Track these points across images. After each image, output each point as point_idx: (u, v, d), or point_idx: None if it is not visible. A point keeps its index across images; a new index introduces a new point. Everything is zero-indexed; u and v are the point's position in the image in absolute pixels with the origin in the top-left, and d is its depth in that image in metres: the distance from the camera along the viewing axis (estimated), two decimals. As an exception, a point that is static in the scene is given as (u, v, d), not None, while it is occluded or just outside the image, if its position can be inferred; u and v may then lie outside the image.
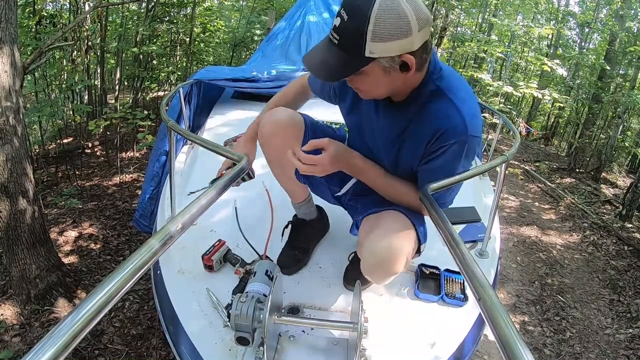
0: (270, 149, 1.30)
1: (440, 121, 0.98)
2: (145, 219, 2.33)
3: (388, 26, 0.83)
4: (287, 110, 1.28)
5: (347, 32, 0.86)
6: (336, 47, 0.89)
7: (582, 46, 12.16)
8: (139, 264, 0.56)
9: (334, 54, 0.89)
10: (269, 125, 1.25)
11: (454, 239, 0.73)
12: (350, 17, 0.84)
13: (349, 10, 0.84)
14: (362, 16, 0.83)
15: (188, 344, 1.17)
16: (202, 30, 6.16)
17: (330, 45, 0.90)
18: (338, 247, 1.58)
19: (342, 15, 0.85)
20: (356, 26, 0.84)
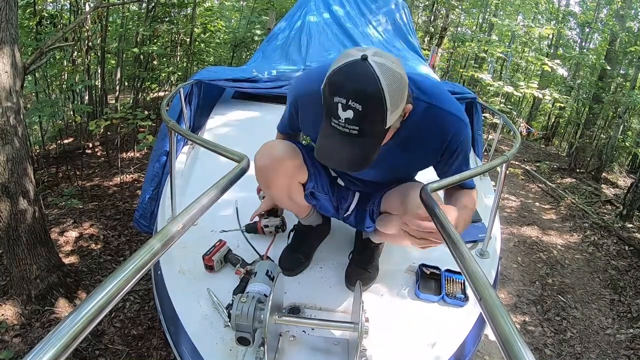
0: (276, 189, 1.26)
1: (444, 130, 1.07)
2: (145, 219, 2.33)
3: (398, 95, 0.85)
4: (279, 144, 1.23)
5: (367, 120, 0.84)
6: (357, 137, 0.86)
7: (582, 46, 12.15)
8: (140, 264, 0.56)
9: (359, 145, 0.88)
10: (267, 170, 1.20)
11: (454, 239, 0.73)
12: (366, 106, 0.82)
13: (360, 100, 0.82)
14: (378, 101, 0.82)
15: (189, 344, 1.17)
16: (202, 30, 6.16)
17: (349, 139, 0.87)
18: (339, 247, 1.58)
19: (353, 106, 0.82)
20: (376, 111, 0.83)
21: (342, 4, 3.28)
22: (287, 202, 1.35)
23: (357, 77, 0.82)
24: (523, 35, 8.87)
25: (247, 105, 2.59)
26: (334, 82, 0.84)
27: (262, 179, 1.24)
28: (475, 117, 2.80)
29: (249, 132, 2.22)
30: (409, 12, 3.78)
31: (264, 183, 1.25)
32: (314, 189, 1.30)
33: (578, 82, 9.86)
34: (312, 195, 1.33)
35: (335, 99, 0.84)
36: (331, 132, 0.88)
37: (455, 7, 8.57)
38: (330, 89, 0.85)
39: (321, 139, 0.93)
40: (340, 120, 0.85)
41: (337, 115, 0.85)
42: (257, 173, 1.22)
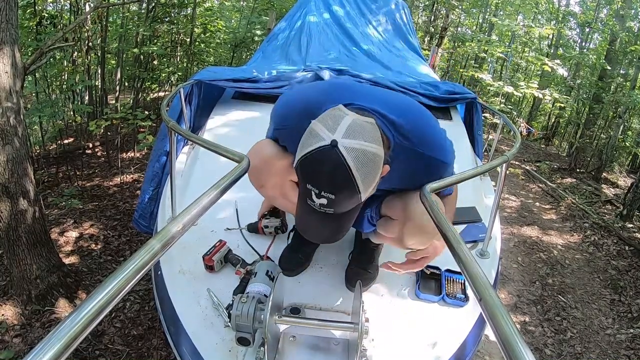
0: (268, 189, 1.26)
1: (424, 176, 1.06)
2: (144, 219, 2.33)
3: (371, 176, 0.85)
4: (269, 144, 1.22)
5: (341, 204, 0.87)
6: (333, 215, 0.90)
7: (582, 46, 12.15)
8: (140, 264, 0.56)
9: (336, 221, 0.93)
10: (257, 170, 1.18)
11: (454, 239, 0.73)
12: (339, 194, 0.84)
13: (333, 190, 0.84)
14: (351, 189, 0.84)
15: (189, 345, 1.17)
16: (202, 30, 6.16)
17: (325, 217, 0.90)
18: (339, 247, 1.58)
19: (326, 195, 0.84)
20: (349, 197, 0.85)
21: (342, 4, 3.28)
22: (282, 201, 1.34)
23: (327, 168, 0.82)
24: (523, 35, 8.88)
25: (247, 105, 2.59)
26: (304, 171, 0.86)
27: (254, 180, 1.23)
28: (475, 117, 2.80)
29: (249, 132, 2.20)
30: (409, 12, 3.78)
31: (256, 183, 1.24)
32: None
33: (578, 82, 9.86)
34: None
35: (308, 185, 0.86)
36: (308, 210, 0.91)
37: (455, 7, 8.57)
38: (302, 176, 0.87)
39: (300, 214, 0.96)
40: (315, 204, 0.88)
41: (312, 199, 0.87)
42: (249, 173, 1.20)
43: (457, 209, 1.71)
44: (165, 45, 5.81)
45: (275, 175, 1.20)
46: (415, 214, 1.10)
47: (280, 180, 1.22)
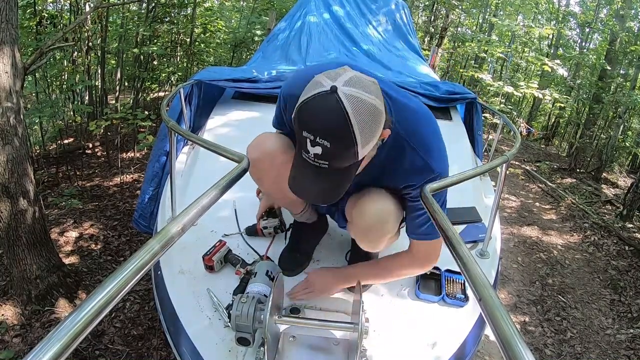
0: (267, 183, 1.26)
1: (411, 176, 1.04)
2: (144, 219, 2.33)
3: (370, 128, 0.81)
4: (270, 137, 1.22)
5: (335, 156, 0.82)
6: (327, 170, 0.85)
7: (582, 46, 12.15)
8: (140, 264, 0.56)
9: (329, 178, 0.87)
10: (258, 163, 1.17)
11: (454, 239, 0.73)
12: (334, 143, 0.80)
13: (328, 137, 0.79)
14: (347, 137, 0.79)
15: (189, 345, 1.17)
16: (202, 30, 6.16)
17: (319, 171, 0.85)
18: (338, 247, 1.58)
19: (321, 143, 0.80)
20: (345, 148, 0.81)
21: (342, 4, 3.28)
22: (280, 196, 1.34)
23: (324, 112, 0.78)
24: (523, 35, 8.88)
25: (247, 106, 2.59)
26: (301, 117, 0.82)
27: (253, 171, 1.21)
28: (475, 117, 2.80)
29: (249, 132, 2.20)
30: (409, 12, 3.78)
31: (255, 175, 1.23)
32: None
33: (578, 82, 9.86)
34: None
35: (303, 133, 0.81)
36: (302, 163, 0.87)
37: (455, 7, 8.57)
38: (298, 122, 0.83)
39: (293, 169, 0.91)
40: (309, 155, 0.83)
41: (307, 149, 0.82)
42: (250, 165, 1.18)
43: (458, 209, 1.71)
44: (165, 45, 5.81)
45: (275, 168, 1.20)
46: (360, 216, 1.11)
47: (280, 175, 1.20)
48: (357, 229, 1.16)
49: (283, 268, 1.41)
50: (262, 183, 1.30)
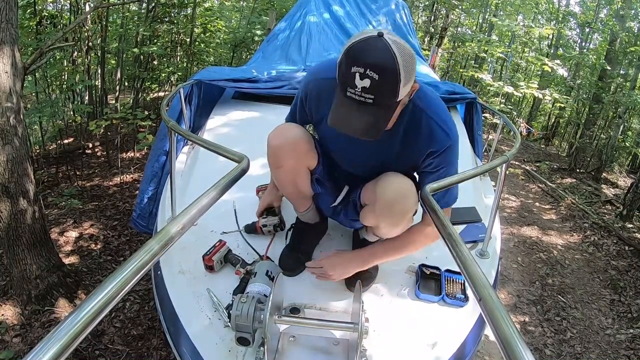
0: (285, 172, 1.28)
1: (429, 142, 1.12)
2: (143, 219, 2.32)
3: (409, 70, 0.91)
4: (293, 126, 1.25)
5: (381, 90, 0.90)
6: (371, 106, 0.92)
7: (582, 46, 12.15)
8: (140, 264, 0.56)
9: (372, 113, 0.94)
10: (280, 149, 1.21)
11: (454, 239, 0.73)
12: (382, 76, 0.88)
13: (377, 70, 0.88)
14: (393, 72, 0.89)
15: (189, 345, 1.17)
16: (202, 30, 6.16)
17: (364, 107, 0.92)
18: (338, 247, 1.58)
19: (370, 75, 0.88)
20: (391, 81, 0.89)
21: (342, 4, 3.28)
22: (291, 188, 1.36)
23: (374, 50, 0.88)
24: (523, 36, 8.88)
25: (247, 106, 2.59)
26: (352, 54, 0.90)
27: (273, 159, 1.25)
28: (475, 117, 2.80)
29: (249, 132, 2.22)
30: (409, 12, 3.78)
31: (274, 163, 1.26)
32: (320, 175, 1.33)
33: (578, 82, 9.86)
34: (317, 182, 1.34)
35: (353, 69, 0.89)
36: (346, 102, 0.93)
37: (455, 7, 8.57)
38: (348, 60, 0.90)
39: (335, 108, 0.96)
40: (356, 89, 0.90)
41: (354, 84, 0.90)
42: (269, 152, 1.24)
43: (458, 209, 1.71)
44: (165, 45, 5.81)
45: (295, 157, 1.23)
46: (382, 193, 1.14)
47: (298, 164, 1.25)
48: (381, 205, 1.15)
49: (284, 268, 1.41)
50: (278, 172, 1.30)
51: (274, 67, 2.71)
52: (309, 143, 1.25)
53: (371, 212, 1.22)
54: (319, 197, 1.41)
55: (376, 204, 1.17)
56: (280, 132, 1.23)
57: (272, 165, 1.29)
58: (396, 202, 1.13)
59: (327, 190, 1.38)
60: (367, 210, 1.26)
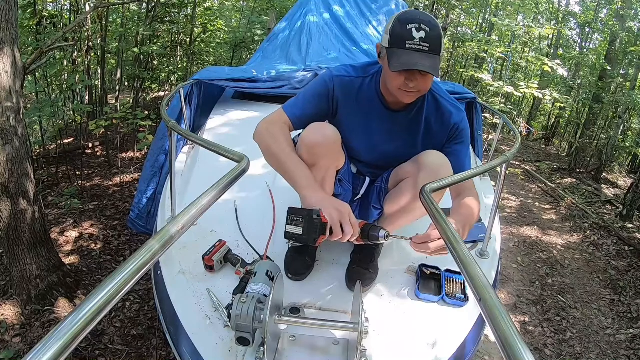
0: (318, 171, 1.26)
1: (452, 117, 1.31)
2: (141, 219, 2.32)
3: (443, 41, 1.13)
4: (328, 125, 1.26)
5: (433, 40, 1.10)
6: (428, 52, 1.10)
7: (582, 46, 12.15)
8: (140, 264, 0.56)
9: (430, 58, 1.11)
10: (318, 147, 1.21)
11: (454, 239, 0.73)
12: (432, 29, 1.10)
13: (429, 25, 1.10)
14: (438, 29, 1.11)
15: (188, 344, 1.17)
16: (202, 30, 6.17)
17: (423, 53, 1.10)
18: (339, 247, 1.58)
19: (425, 28, 1.09)
20: (438, 36, 1.11)
21: (342, 4, 3.28)
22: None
23: (422, 14, 1.12)
24: (523, 35, 8.87)
25: (247, 105, 2.59)
26: (407, 17, 1.11)
27: (307, 156, 1.21)
28: (475, 117, 2.80)
29: (249, 132, 2.21)
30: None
31: (309, 160, 1.22)
32: (343, 175, 1.36)
33: (578, 82, 9.86)
34: (339, 182, 1.37)
35: (409, 26, 1.09)
36: (408, 52, 1.10)
37: (455, 7, 8.57)
38: (403, 21, 1.10)
39: (398, 58, 1.11)
40: (415, 40, 1.09)
41: (412, 37, 1.09)
42: (305, 149, 1.21)
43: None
44: (165, 45, 5.81)
45: (331, 157, 1.26)
46: (427, 160, 1.24)
47: (331, 164, 1.27)
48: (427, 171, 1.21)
49: (293, 273, 1.41)
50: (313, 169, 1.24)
51: (274, 67, 2.72)
52: (340, 142, 1.27)
53: (410, 184, 1.27)
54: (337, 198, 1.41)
55: (420, 173, 1.23)
56: (318, 129, 1.22)
57: (307, 161, 1.23)
58: (442, 167, 1.22)
59: (346, 191, 1.41)
60: (405, 184, 1.30)
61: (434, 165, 1.22)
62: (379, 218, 1.46)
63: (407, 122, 1.32)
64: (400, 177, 1.35)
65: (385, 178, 1.40)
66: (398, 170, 1.37)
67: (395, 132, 1.33)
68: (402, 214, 1.36)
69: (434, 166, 1.22)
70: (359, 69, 1.32)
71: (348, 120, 1.32)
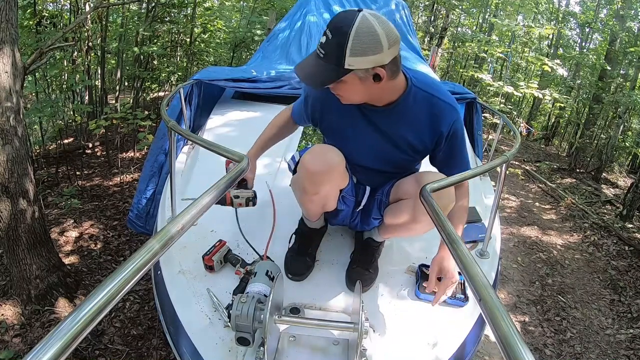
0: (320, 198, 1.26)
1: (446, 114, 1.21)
2: (140, 219, 2.31)
3: (363, 44, 0.99)
4: (330, 148, 1.22)
5: (330, 48, 1.02)
6: (322, 60, 1.04)
7: (582, 46, 12.15)
8: (140, 264, 0.56)
9: (321, 66, 1.05)
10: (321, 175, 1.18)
11: (454, 239, 0.73)
12: (334, 36, 1.01)
13: (333, 30, 1.01)
14: (343, 35, 0.99)
15: (188, 344, 1.17)
16: (202, 30, 6.17)
17: (317, 59, 1.06)
18: (339, 247, 1.58)
19: (327, 34, 1.02)
20: (338, 43, 1.00)
21: (342, 4, 3.28)
22: (317, 208, 1.34)
23: (342, 16, 1.02)
24: (523, 35, 8.87)
25: (247, 105, 2.59)
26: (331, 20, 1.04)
27: (310, 185, 1.20)
28: (475, 117, 2.80)
29: (249, 132, 2.21)
30: (409, 12, 3.78)
31: (311, 189, 1.21)
32: (347, 192, 1.33)
33: (578, 82, 9.86)
34: (342, 199, 1.34)
35: (325, 29, 1.04)
36: (313, 53, 1.08)
37: (456, 7, 8.57)
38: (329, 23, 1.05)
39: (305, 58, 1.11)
40: (318, 44, 1.05)
41: (320, 40, 1.05)
42: (307, 177, 1.19)
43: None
44: (165, 45, 5.81)
45: (333, 182, 1.23)
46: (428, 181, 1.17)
47: (334, 189, 1.25)
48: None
49: (293, 274, 1.41)
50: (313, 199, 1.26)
51: (274, 67, 2.71)
52: (344, 162, 1.23)
53: (409, 206, 1.24)
54: (339, 213, 1.40)
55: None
56: (319, 156, 1.18)
57: (306, 192, 1.24)
58: (442, 195, 1.14)
59: (353, 199, 1.38)
60: (404, 205, 1.27)
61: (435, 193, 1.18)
62: (379, 226, 1.45)
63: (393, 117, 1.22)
64: (401, 194, 1.30)
65: (386, 191, 1.36)
66: (399, 185, 1.33)
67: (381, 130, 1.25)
68: (400, 230, 1.35)
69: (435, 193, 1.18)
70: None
71: (336, 124, 1.28)
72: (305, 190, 1.24)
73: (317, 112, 1.30)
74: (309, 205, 1.34)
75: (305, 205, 1.36)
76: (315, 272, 1.47)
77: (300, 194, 1.31)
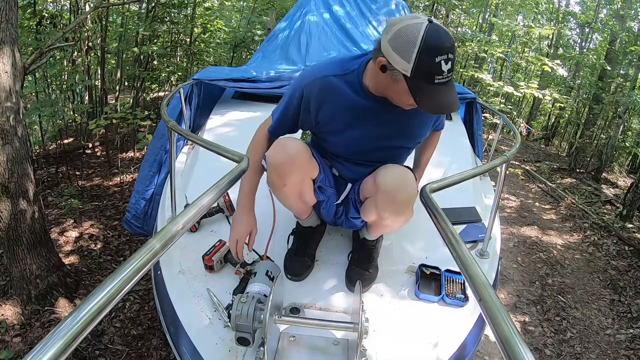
0: (290, 187, 1.25)
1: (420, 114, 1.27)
2: (137, 220, 2.30)
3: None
4: (290, 140, 1.22)
5: (454, 64, 1.01)
6: (451, 80, 1.04)
7: (582, 46, 12.16)
8: (140, 264, 0.56)
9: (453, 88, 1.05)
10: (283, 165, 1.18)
11: (454, 239, 0.73)
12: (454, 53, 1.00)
13: (453, 50, 0.99)
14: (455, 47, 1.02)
15: (188, 345, 1.17)
16: (202, 30, 6.17)
17: (450, 85, 1.04)
18: (338, 247, 1.58)
19: (451, 57, 0.99)
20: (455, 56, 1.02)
21: (342, 4, 3.28)
22: (296, 202, 1.35)
23: (444, 33, 0.98)
24: (523, 36, 8.87)
25: (247, 105, 2.59)
26: (433, 46, 0.96)
27: (276, 177, 1.21)
28: (475, 117, 2.80)
29: (249, 132, 2.21)
30: (409, 12, 3.78)
31: (278, 182, 1.22)
32: (322, 182, 1.32)
33: (578, 82, 9.86)
34: (320, 189, 1.33)
35: (437, 58, 0.97)
36: (437, 88, 1.01)
37: (455, 7, 8.57)
38: (431, 53, 0.96)
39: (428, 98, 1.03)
40: (444, 74, 0.99)
41: (441, 71, 0.98)
42: (272, 171, 1.20)
43: (457, 209, 1.71)
44: (165, 45, 5.81)
45: (300, 171, 1.22)
46: (383, 182, 1.18)
47: (302, 177, 1.24)
48: (384, 194, 1.17)
49: (292, 274, 1.41)
50: (283, 191, 1.26)
51: (273, 67, 2.71)
52: (308, 152, 1.23)
53: (372, 204, 1.23)
54: (321, 205, 1.40)
55: (377, 195, 1.19)
56: (280, 148, 1.19)
57: (275, 185, 1.24)
58: (398, 190, 1.16)
59: (328, 196, 1.38)
60: (368, 203, 1.27)
61: (389, 188, 1.16)
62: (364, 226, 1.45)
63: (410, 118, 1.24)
64: (365, 193, 1.31)
65: (356, 190, 1.36)
66: (363, 184, 1.33)
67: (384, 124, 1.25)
68: (379, 227, 1.35)
69: (389, 189, 1.16)
70: (334, 66, 1.20)
71: (327, 123, 1.26)
72: (274, 184, 1.25)
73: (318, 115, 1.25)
74: (286, 200, 1.35)
75: (283, 201, 1.37)
76: (315, 272, 1.47)
77: (273, 190, 1.32)
